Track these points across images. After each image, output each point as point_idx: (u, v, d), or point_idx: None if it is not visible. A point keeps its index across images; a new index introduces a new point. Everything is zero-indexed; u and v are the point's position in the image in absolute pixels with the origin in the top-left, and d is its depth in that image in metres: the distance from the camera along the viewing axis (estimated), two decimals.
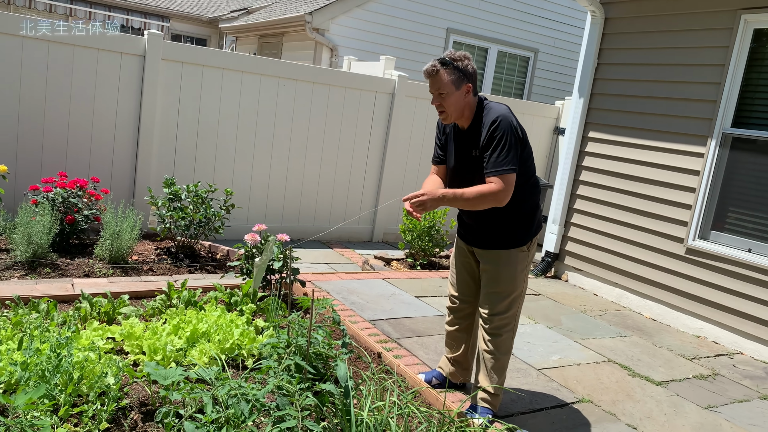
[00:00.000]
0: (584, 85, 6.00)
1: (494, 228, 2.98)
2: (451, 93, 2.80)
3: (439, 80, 2.80)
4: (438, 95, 2.83)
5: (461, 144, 2.96)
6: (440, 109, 2.87)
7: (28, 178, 5.03)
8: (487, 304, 3.01)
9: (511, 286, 2.99)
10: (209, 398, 2.06)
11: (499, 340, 3.02)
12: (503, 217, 2.94)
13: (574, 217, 6.16)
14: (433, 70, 2.80)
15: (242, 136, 6.00)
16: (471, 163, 2.92)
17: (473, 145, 2.89)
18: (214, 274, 4.77)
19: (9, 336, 2.90)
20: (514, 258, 2.98)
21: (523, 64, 11.02)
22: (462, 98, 2.84)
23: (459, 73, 2.79)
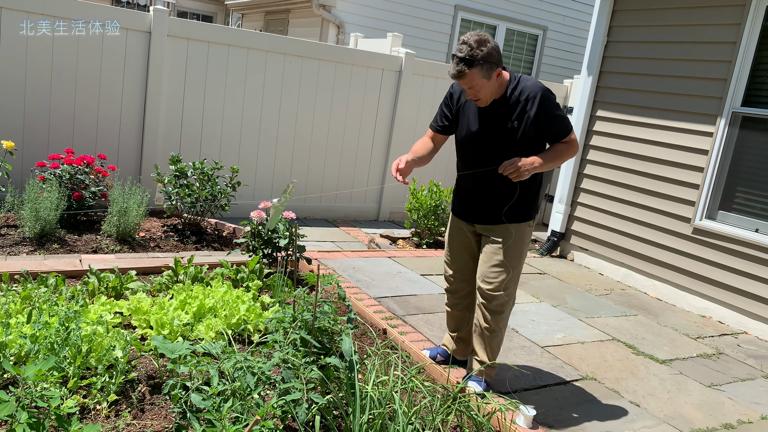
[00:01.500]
0: (593, 63, 5.94)
1: (505, 203, 2.96)
2: (483, 85, 2.77)
3: (470, 80, 2.74)
4: (471, 90, 2.80)
5: (493, 116, 2.90)
6: (475, 97, 2.84)
7: (35, 155, 5.05)
8: (491, 280, 2.98)
9: (516, 261, 3.00)
10: (216, 371, 2.08)
11: (501, 317, 3.04)
12: (515, 192, 2.94)
13: (581, 196, 6.13)
14: (459, 74, 2.72)
15: (248, 114, 5.99)
16: (504, 134, 2.88)
17: (509, 116, 2.86)
18: (220, 251, 4.79)
19: (18, 310, 2.94)
20: (522, 232, 3.01)
21: (531, 42, 10.89)
22: (495, 83, 2.81)
23: (486, 65, 2.71)
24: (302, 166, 6.41)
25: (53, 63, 5.08)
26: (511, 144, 2.88)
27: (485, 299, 3.02)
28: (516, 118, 2.85)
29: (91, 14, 5.11)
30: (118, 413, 2.44)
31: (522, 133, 2.85)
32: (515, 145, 2.87)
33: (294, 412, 2.03)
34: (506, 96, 2.86)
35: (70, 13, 5.03)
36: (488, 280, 2.99)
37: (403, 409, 2.23)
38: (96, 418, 2.40)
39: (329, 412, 2.35)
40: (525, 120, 2.84)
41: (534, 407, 2.89)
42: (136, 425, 2.38)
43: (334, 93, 6.36)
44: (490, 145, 2.93)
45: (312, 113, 6.31)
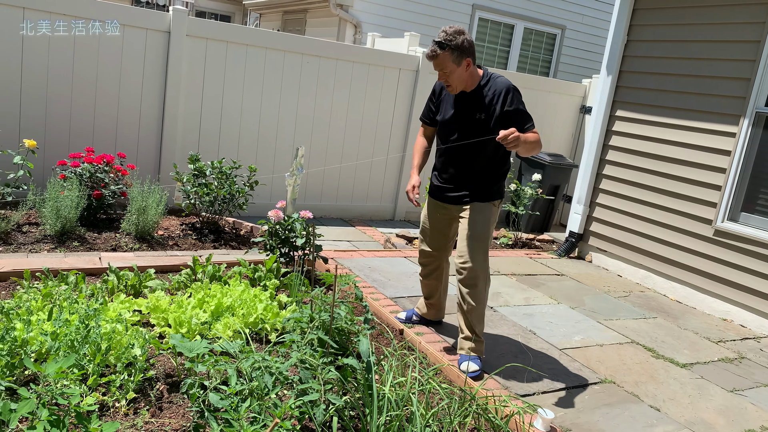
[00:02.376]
0: (613, 63, 5.87)
1: (480, 183, 3.35)
2: (453, 70, 3.15)
3: (441, 62, 3.13)
4: (442, 73, 3.17)
5: (464, 106, 3.30)
6: (447, 83, 3.23)
7: (57, 154, 5.10)
8: (466, 254, 3.27)
9: (486, 235, 3.34)
10: (234, 370, 2.09)
11: (476, 290, 3.30)
12: (489, 174, 3.36)
13: (600, 197, 6.07)
14: (433, 54, 3.12)
15: (266, 113, 6.01)
16: (473, 123, 3.26)
17: (478, 109, 3.25)
18: (237, 249, 4.81)
19: (39, 307, 2.97)
20: (491, 210, 3.38)
21: (549, 42, 10.81)
22: (464, 71, 3.18)
23: (457, 51, 3.10)
24: (319, 166, 6.42)
25: (74, 63, 5.13)
26: (479, 134, 3.24)
27: (459, 273, 3.32)
28: (483, 110, 3.23)
29: (112, 14, 5.16)
30: (137, 411, 2.46)
31: (490, 124, 3.21)
32: (482, 135, 3.23)
33: (311, 412, 2.02)
34: (477, 90, 3.26)
35: (90, 13, 5.08)
36: (463, 255, 3.29)
37: (421, 411, 2.21)
38: (115, 415, 2.42)
39: (345, 412, 2.35)
40: (492, 113, 3.21)
41: (552, 410, 2.86)
42: (154, 423, 2.39)
43: (351, 93, 6.36)
44: (461, 133, 3.31)
45: (329, 113, 6.31)
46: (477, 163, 3.34)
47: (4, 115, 4.98)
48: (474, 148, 3.30)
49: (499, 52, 10.37)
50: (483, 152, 3.33)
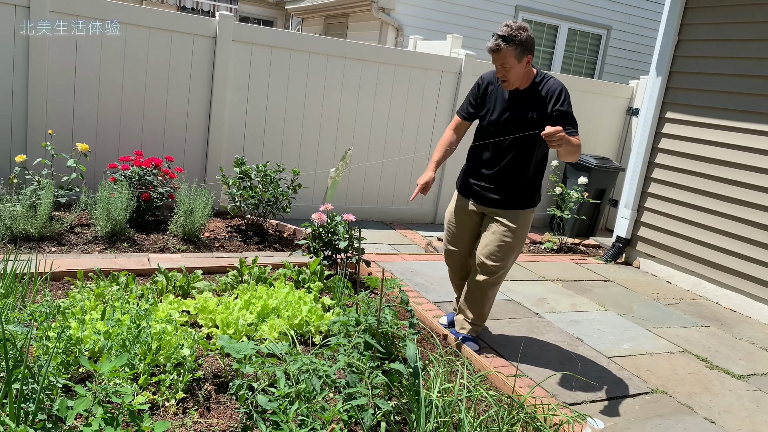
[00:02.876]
0: (663, 63, 5.71)
1: (519, 189, 3.33)
2: (513, 66, 3.09)
3: (503, 56, 3.06)
4: (501, 67, 3.11)
5: (516, 104, 3.23)
6: (503, 78, 3.16)
7: (107, 157, 5.24)
8: (495, 256, 3.31)
9: (520, 242, 3.36)
10: (281, 372, 2.09)
11: (497, 287, 3.47)
12: (528, 180, 3.34)
13: (648, 201, 5.91)
14: (495, 48, 3.05)
15: (308, 117, 6.05)
16: (524, 122, 3.20)
17: (531, 107, 3.19)
18: (281, 252, 4.85)
19: (92, 306, 3.04)
20: (528, 217, 3.38)
21: (594, 42, 10.60)
22: (523, 68, 3.13)
23: (520, 48, 3.05)
24: (359, 169, 6.43)
25: (124, 68, 5.27)
26: (530, 136, 3.19)
27: (487, 274, 3.35)
28: (536, 109, 3.17)
29: (159, 21, 5.28)
30: (186, 411, 2.49)
31: (542, 124, 3.12)
32: (534, 138, 3.19)
33: (359, 417, 2.01)
34: (530, 88, 3.21)
35: (142, 20, 5.21)
36: (492, 256, 3.31)
37: (469, 418, 2.18)
38: (165, 414, 2.46)
39: (390, 417, 2.33)
40: (544, 112, 3.16)
41: (601, 420, 2.78)
42: (202, 423, 2.42)
43: (392, 95, 6.35)
44: (514, 129, 3.23)
45: (370, 116, 6.32)
46: (522, 164, 3.30)
47: (58, 120, 5.14)
48: (521, 149, 3.26)
49: (543, 54, 10.23)
50: (529, 154, 3.29)
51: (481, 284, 3.39)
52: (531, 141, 3.23)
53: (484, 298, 3.44)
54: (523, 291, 4.79)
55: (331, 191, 3.53)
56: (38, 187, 4.50)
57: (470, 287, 3.47)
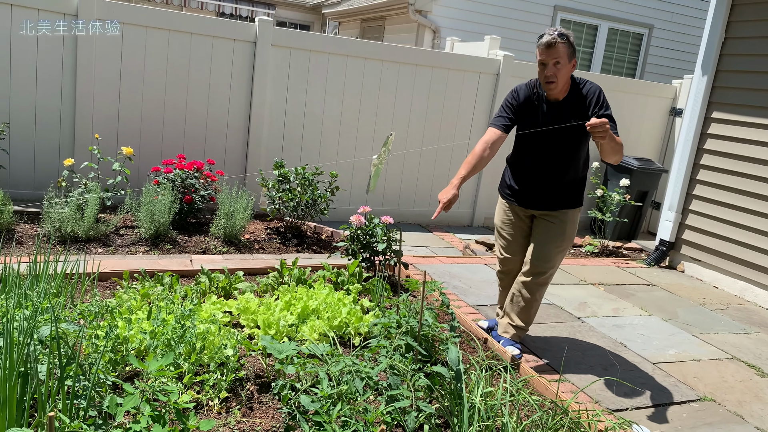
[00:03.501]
0: (708, 62, 5.56)
1: (565, 189, 3.33)
2: (564, 65, 3.08)
3: (557, 52, 3.04)
4: (554, 65, 3.06)
5: (558, 113, 3.21)
6: (551, 79, 3.09)
7: (150, 160, 5.37)
8: (543, 259, 3.33)
9: (568, 242, 3.38)
10: (324, 373, 2.10)
11: (544, 288, 3.44)
12: (574, 180, 3.34)
13: (693, 203, 5.75)
14: (552, 42, 3.03)
15: (346, 120, 6.08)
16: (567, 130, 3.17)
17: (572, 114, 3.17)
18: (319, 254, 4.89)
19: (138, 306, 3.11)
20: (576, 217, 3.39)
21: (636, 42, 10.39)
22: (569, 72, 3.14)
23: (572, 48, 3.09)
24: (396, 171, 6.43)
25: (167, 73, 5.39)
26: (573, 141, 3.21)
27: (536, 275, 3.35)
28: (577, 115, 3.16)
29: (201, 27, 5.38)
30: (229, 410, 2.53)
31: (581, 129, 3.12)
32: (575, 141, 3.22)
33: (402, 419, 2.01)
34: (569, 96, 3.20)
35: (184, 27, 5.31)
36: (540, 259, 3.33)
37: (512, 423, 2.15)
38: (208, 413, 2.49)
39: (432, 420, 2.31)
40: (585, 117, 3.12)
41: (647, 427, 2.72)
42: (245, 423, 2.45)
43: (429, 97, 6.34)
44: (556, 141, 3.23)
45: (407, 118, 6.32)
46: (568, 166, 3.31)
47: (104, 124, 5.28)
48: (566, 153, 3.27)
49: (582, 54, 10.07)
50: (574, 155, 3.28)
51: (529, 285, 3.38)
52: (575, 143, 3.23)
53: (531, 300, 3.41)
54: (564, 295, 4.72)
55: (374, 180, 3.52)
56: (85, 189, 4.63)
57: (517, 289, 3.45)
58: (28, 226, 4.63)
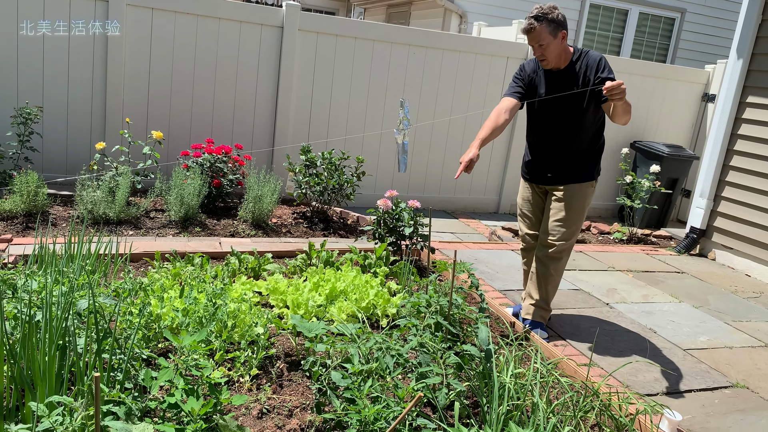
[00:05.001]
0: (744, 45, 5.42)
1: (573, 163, 3.35)
2: (550, 43, 3.13)
3: (537, 35, 3.12)
4: (539, 47, 3.15)
5: (558, 83, 3.26)
6: (542, 58, 3.20)
7: (179, 145, 5.43)
8: (556, 233, 3.36)
9: (582, 216, 3.41)
10: (356, 350, 2.11)
11: (560, 263, 3.44)
12: (579, 152, 3.35)
13: (726, 190, 5.64)
14: (530, 28, 3.12)
15: (372, 105, 6.07)
16: (568, 99, 3.23)
17: (573, 83, 3.23)
18: (346, 238, 4.90)
19: (170, 285, 3.16)
20: (586, 191, 3.39)
21: (667, 26, 10.17)
22: (559, 45, 3.17)
23: (553, 24, 3.11)
24: (422, 158, 6.41)
25: (196, 59, 5.43)
26: (575, 110, 3.25)
27: (547, 247, 3.39)
28: (579, 84, 3.21)
29: (229, 12, 5.40)
30: (259, 387, 2.56)
31: (586, 97, 3.19)
32: (580, 111, 3.25)
33: (433, 395, 2.01)
34: (570, 66, 3.24)
35: (212, 12, 5.34)
36: (553, 233, 3.37)
37: (542, 403, 2.14)
38: (239, 390, 2.53)
39: (461, 399, 2.32)
40: (586, 85, 3.19)
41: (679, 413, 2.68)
42: (276, 399, 2.48)
43: (456, 82, 6.29)
44: (558, 112, 3.29)
45: (434, 103, 6.28)
46: (574, 138, 3.33)
47: (134, 109, 5.35)
48: (571, 124, 3.31)
49: (612, 40, 9.90)
50: (579, 127, 3.31)
51: (541, 259, 3.43)
52: (578, 112, 3.27)
53: (547, 274, 3.44)
54: (592, 281, 4.67)
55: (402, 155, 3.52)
56: (116, 173, 4.71)
57: (533, 265, 3.52)
58: (62, 208, 4.72)
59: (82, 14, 5.04)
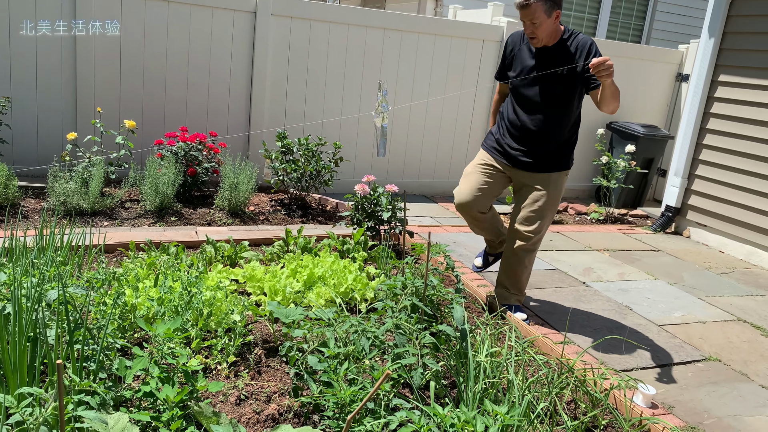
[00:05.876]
0: (716, 23, 5.47)
1: (553, 152, 3.25)
2: (543, 21, 2.99)
3: (532, 11, 2.96)
4: (531, 24, 3.00)
5: (545, 61, 3.15)
6: (532, 36, 3.07)
7: (153, 133, 5.35)
8: (531, 223, 3.28)
9: (556, 205, 3.34)
10: (332, 334, 2.11)
11: (534, 254, 3.41)
12: (563, 141, 3.26)
13: (699, 168, 5.71)
14: (525, 3, 2.95)
15: (348, 90, 6.04)
16: (553, 79, 3.12)
17: (561, 63, 3.11)
18: (324, 224, 4.89)
19: (145, 275, 3.13)
20: (563, 181, 3.32)
21: (641, 7, 10.22)
22: (552, 24, 3.03)
23: (550, 2, 2.96)
24: (400, 143, 6.40)
25: (167, 47, 5.34)
26: (560, 91, 3.14)
27: (523, 240, 3.31)
28: (566, 65, 3.09)
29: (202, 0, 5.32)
30: (237, 374, 2.55)
31: (574, 80, 3.10)
32: (564, 92, 3.14)
33: (408, 376, 2.02)
34: (559, 45, 3.12)
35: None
36: (528, 223, 3.28)
37: (518, 380, 2.17)
38: (217, 377, 2.52)
39: (439, 380, 2.33)
40: (573, 69, 3.08)
41: (653, 386, 2.73)
42: (254, 385, 2.47)
43: (432, 66, 6.27)
44: (542, 90, 3.17)
45: (411, 87, 6.26)
46: (556, 125, 3.22)
47: (106, 98, 5.26)
48: (554, 109, 3.19)
49: (587, 21, 9.92)
50: (563, 113, 3.20)
51: (516, 251, 3.35)
52: (564, 99, 3.17)
53: (521, 266, 3.39)
54: (569, 261, 4.72)
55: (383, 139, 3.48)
56: (89, 163, 4.63)
57: (506, 255, 3.44)
58: (34, 200, 4.64)
59: None
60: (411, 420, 1.66)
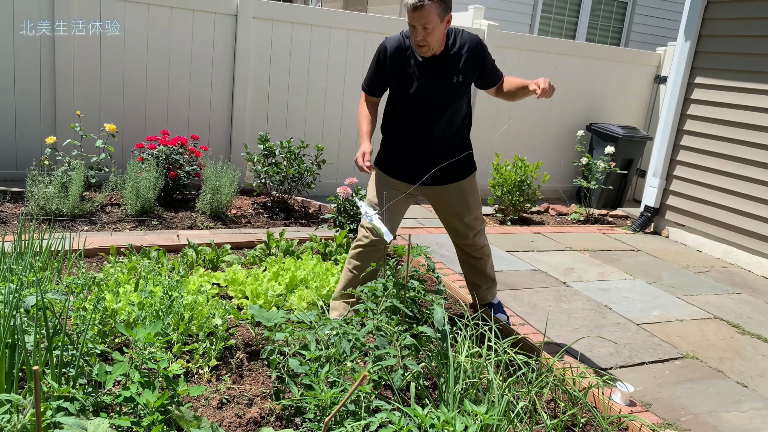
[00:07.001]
0: (691, 26, 5.56)
1: (463, 156, 3.09)
2: (436, 26, 2.72)
3: (426, 14, 2.66)
4: (423, 29, 2.71)
5: (435, 70, 2.89)
6: (422, 43, 2.76)
7: (134, 137, 5.32)
8: (473, 225, 3.21)
9: (480, 206, 3.24)
10: (313, 337, 2.13)
11: (484, 248, 3.34)
12: (467, 145, 3.13)
13: (677, 169, 5.80)
14: (420, 4, 2.64)
15: (331, 93, 6.05)
16: (449, 88, 2.91)
17: (454, 71, 2.89)
18: (307, 227, 4.89)
19: (125, 279, 3.12)
20: (475, 182, 3.20)
21: (620, 10, 10.36)
22: (443, 30, 2.79)
23: (443, 5, 2.70)
24: None
25: (148, 51, 5.31)
26: (455, 97, 2.94)
27: (473, 245, 3.27)
28: (460, 72, 2.89)
29: (181, 1, 5.29)
30: (219, 378, 2.55)
31: (469, 85, 2.96)
32: (458, 98, 2.95)
33: (389, 377, 2.04)
34: (447, 50, 2.88)
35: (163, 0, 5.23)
36: (465, 233, 3.21)
37: (497, 380, 2.19)
38: (199, 381, 2.52)
39: (420, 381, 2.35)
40: (469, 72, 2.91)
41: (631, 384, 2.78)
42: (236, 389, 2.48)
43: None
44: (435, 101, 2.93)
45: None
46: (458, 131, 3.05)
47: (86, 102, 5.22)
48: (452, 117, 2.98)
49: (567, 24, 10.03)
50: (461, 118, 3.04)
51: (473, 252, 3.30)
52: (459, 104, 2.97)
53: (483, 260, 3.35)
54: (549, 261, 4.77)
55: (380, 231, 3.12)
56: (69, 168, 4.59)
57: (462, 258, 3.37)
58: (12, 205, 4.59)
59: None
60: (391, 421, 1.68)
